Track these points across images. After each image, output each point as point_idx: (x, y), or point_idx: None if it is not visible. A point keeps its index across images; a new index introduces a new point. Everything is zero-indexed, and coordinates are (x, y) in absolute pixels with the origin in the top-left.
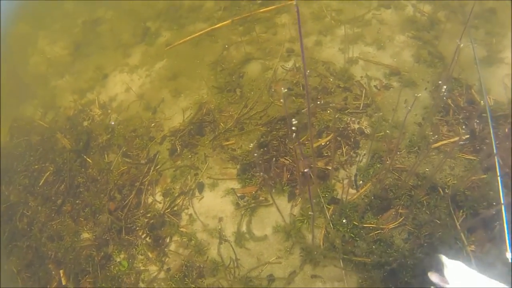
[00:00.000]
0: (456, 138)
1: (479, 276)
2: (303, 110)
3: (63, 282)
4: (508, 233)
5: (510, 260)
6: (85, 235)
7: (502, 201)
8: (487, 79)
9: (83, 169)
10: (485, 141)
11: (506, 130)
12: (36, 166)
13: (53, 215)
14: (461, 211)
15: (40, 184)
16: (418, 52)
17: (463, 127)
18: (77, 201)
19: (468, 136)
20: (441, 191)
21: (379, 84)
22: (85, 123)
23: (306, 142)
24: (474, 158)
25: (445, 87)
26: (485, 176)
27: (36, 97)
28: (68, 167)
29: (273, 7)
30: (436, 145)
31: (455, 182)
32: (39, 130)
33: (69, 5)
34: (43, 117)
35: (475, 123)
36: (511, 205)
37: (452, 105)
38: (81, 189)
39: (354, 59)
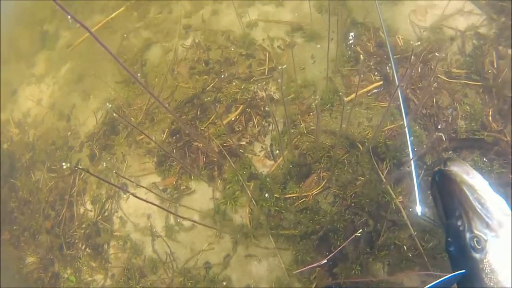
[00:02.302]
0: (370, 87)
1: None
2: (208, 88)
3: None
4: (417, 186)
5: (420, 214)
6: (30, 259)
7: (411, 156)
8: (393, 18)
9: (13, 193)
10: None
11: (419, 69)
12: None
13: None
14: (384, 163)
15: None
16: (319, 2)
17: (376, 73)
18: (14, 227)
19: (381, 82)
20: (361, 146)
21: (283, 44)
22: (5, 146)
23: (216, 121)
24: (391, 105)
25: (351, 34)
26: (403, 122)
27: None
28: None
29: None
30: (349, 98)
31: (374, 133)
32: None
33: None
34: None
35: (387, 67)
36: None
37: (362, 52)
38: (15, 214)
39: (254, 22)
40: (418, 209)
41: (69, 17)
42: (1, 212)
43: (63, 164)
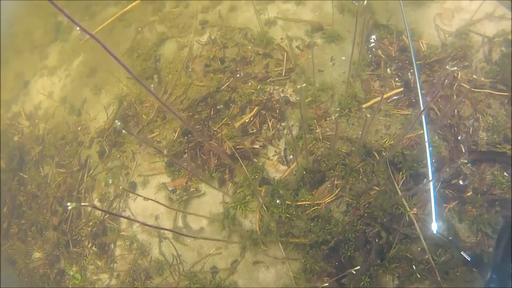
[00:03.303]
0: (390, 93)
1: None
2: (222, 87)
3: None
4: (435, 203)
5: (435, 232)
6: (36, 254)
7: (431, 177)
8: (417, 22)
9: (22, 187)
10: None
11: (442, 78)
12: None
13: (1, 240)
14: (401, 173)
15: None
16: (341, 1)
17: (397, 79)
18: (22, 221)
19: (402, 89)
20: (377, 155)
21: (302, 44)
22: (16, 138)
23: (230, 122)
24: (411, 113)
25: (373, 36)
26: (422, 131)
27: None
28: (7, 187)
29: None
30: (368, 104)
31: (391, 142)
32: None
33: None
34: None
35: (409, 73)
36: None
37: (383, 55)
38: (24, 208)
39: (272, 20)
40: (434, 226)
41: (78, 28)
42: (10, 205)
43: (68, 205)
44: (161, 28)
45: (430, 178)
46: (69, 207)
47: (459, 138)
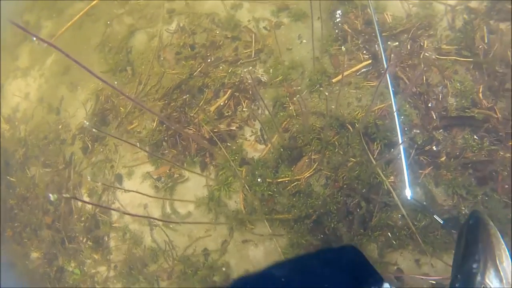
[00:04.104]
0: (358, 66)
1: None
2: (195, 73)
3: None
4: (407, 170)
5: (409, 198)
6: (34, 254)
7: (400, 140)
8: None
9: (11, 190)
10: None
11: (409, 46)
12: None
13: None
14: (375, 143)
15: None
16: None
17: (364, 52)
18: (15, 224)
19: (370, 61)
20: (351, 127)
21: (269, 25)
22: None
23: (205, 106)
24: (380, 84)
25: (338, 12)
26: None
27: None
28: None
29: None
30: (338, 78)
31: (363, 114)
32: None
33: None
34: None
35: (376, 46)
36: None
37: (349, 30)
38: (15, 211)
39: (238, 3)
40: (408, 193)
41: (34, 38)
42: (2, 210)
43: (50, 195)
44: (130, 20)
45: (400, 142)
46: (51, 199)
47: (430, 105)
